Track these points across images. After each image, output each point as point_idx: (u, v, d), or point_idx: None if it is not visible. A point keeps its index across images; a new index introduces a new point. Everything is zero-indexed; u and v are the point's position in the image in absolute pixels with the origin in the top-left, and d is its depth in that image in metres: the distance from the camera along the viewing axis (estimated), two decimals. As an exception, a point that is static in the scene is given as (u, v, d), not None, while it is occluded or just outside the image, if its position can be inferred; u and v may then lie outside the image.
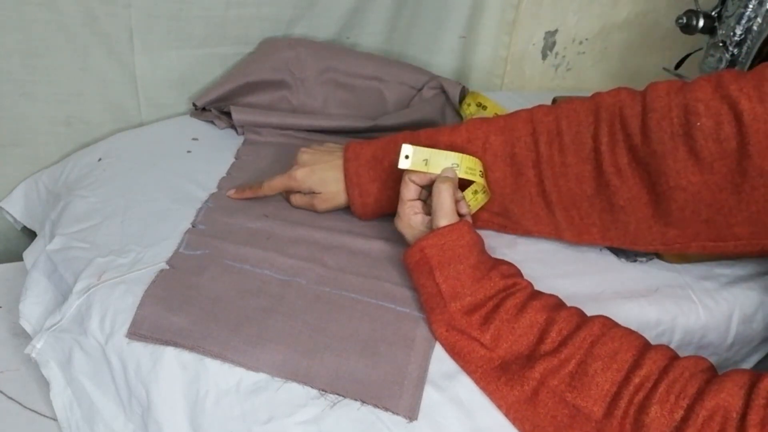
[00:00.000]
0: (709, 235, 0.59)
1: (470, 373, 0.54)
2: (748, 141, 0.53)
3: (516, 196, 0.65)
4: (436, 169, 0.61)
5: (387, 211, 0.69)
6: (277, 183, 0.71)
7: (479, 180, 0.63)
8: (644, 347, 0.51)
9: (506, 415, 0.53)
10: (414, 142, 0.63)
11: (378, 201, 0.68)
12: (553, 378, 0.51)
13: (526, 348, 0.53)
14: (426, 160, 0.61)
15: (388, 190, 0.67)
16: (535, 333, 0.53)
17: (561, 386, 0.50)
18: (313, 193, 0.70)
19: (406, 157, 0.61)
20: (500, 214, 0.67)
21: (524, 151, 0.64)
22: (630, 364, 0.49)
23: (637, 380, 0.48)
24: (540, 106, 0.66)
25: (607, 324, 0.53)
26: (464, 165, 0.62)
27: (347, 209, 0.71)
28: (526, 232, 0.68)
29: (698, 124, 0.55)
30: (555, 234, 0.67)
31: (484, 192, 0.65)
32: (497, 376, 0.53)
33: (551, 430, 0.50)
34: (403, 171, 0.62)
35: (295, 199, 0.72)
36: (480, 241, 0.59)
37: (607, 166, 0.60)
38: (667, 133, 0.57)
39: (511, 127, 0.65)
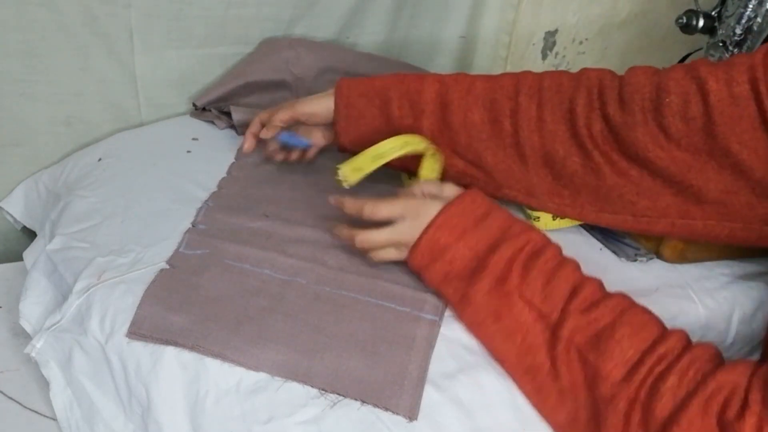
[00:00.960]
0: (678, 211, 0.62)
1: (513, 335, 0.54)
2: (714, 121, 0.55)
3: (491, 143, 0.67)
4: (391, 154, 0.64)
5: (369, 131, 0.70)
6: (282, 112, 0.72)
7: (425, 144, 0.66)
8: (665, 328, 0.52)
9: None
10: (402, 85, 0.68)
11: (362, 116, 0.70)
12: (580, 335, 0.51)
13: (560, 301, 0.53)
14: (373, 156, 0.64)
15: (375, 101, 0.70)
16: (568, 289, 0.54)
17: (586, 346, 0.50)
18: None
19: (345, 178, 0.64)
20: (474, 164, 0.69)
21: (504, 98, 0.66)
22: (656, 336, 0.50)
23: (662, 350, 0.48)
24: (528, 71, 0.69)
25: (632, 301, 0.54)
26: (401, 142, 0.64)
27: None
28: (498, 190, 0.69)
29: (667, 100, 0.58)
30: (527, 195, 0.68)
31: (437, 151, 0.67)
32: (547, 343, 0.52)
33: (571, 396, 0.50)
34: (404, 184, 0.63)
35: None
36: (487, 205, 0.59)
37: (581, 128, 0.63)
38: (638, 106, 0.60)
39: (497, 79, 0.68)
